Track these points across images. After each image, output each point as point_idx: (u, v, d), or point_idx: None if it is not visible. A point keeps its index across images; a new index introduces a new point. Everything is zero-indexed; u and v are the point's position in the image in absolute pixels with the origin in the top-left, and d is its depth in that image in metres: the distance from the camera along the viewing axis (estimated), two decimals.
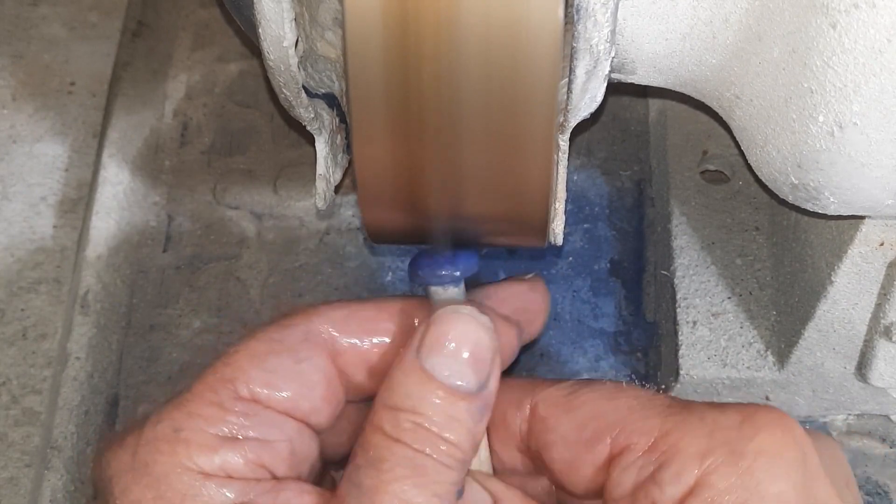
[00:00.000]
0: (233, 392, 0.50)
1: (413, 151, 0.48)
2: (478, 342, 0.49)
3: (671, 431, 0.48)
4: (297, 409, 0.51)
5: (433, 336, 0.49)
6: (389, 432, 0.48)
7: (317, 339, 0.52)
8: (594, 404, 0.51)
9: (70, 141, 0.78)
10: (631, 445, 0.49)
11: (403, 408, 0.48)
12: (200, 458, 0.48)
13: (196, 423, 0.49)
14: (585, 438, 0.50)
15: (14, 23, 0.83)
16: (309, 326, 0.53)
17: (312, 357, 0.52)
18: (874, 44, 0.46)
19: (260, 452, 0.49)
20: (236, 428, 0.49)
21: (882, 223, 0.56)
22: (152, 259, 0.75)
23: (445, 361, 0.48)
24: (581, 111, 0.52)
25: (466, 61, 0.45)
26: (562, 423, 0.51)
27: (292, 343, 0.52)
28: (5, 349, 0.71)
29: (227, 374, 0.51)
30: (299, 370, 0.51)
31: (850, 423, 0.68)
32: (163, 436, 0.49)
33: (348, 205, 0.76)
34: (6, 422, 0.68)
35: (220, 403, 0.50)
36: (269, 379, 0.51)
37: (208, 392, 0.50)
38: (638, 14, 0.52)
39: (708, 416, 0.49)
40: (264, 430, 0.50)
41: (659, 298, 0.72)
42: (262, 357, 0.51)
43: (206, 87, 0.82)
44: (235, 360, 0.51)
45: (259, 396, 0.50)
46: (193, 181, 0.78)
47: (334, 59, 0.52)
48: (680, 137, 0.73)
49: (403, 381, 0.49)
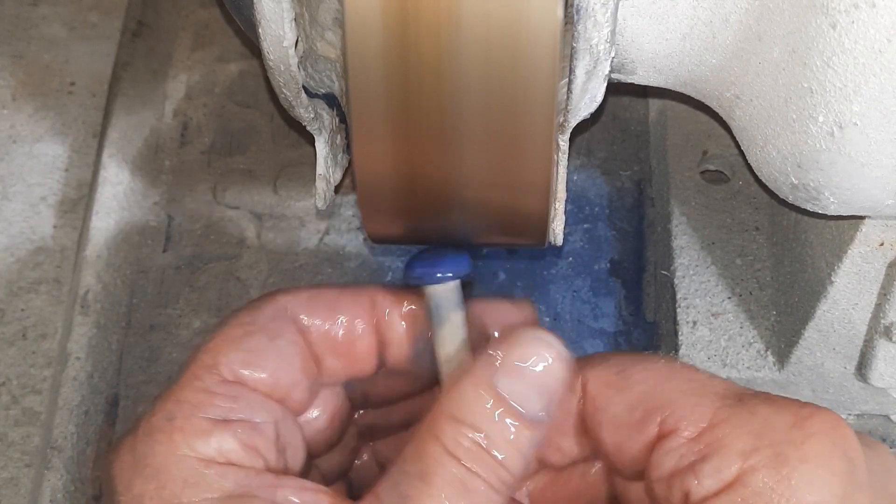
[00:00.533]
0: (217, 376, 0.51)
1: (413, 151, 0.48)
2: (553, 372, 0.49)
3: (720, 424, 0.48)
4: (277, 385, 0.52)
5: (512, 357, 0.48)
6: (447, 445, 0.47)
7: (285, 316, 0.53)
8: (646, 385, 0.50)
9: (70, 141, 0.78)
10: (678, 430, 0.48)
11: (468, 423, 0.48)
12: (197, 443, 0.49)
13: (187, 409, 0.50)
14: (636, 419, 0.49)
15: (14, 23, 0.83)
16: (276, 306, 0.53)
17: (285, 332, 0.53)
18: (874, 44, 0.46)
19: (250, 434, 0.50)
20: (225, 410, 0.50)
21: (882, 223, 0.56)
22: (152, 259, 0.75)
23: (520, 388, 0.48)
24: (581, 111, 0.52)
25: (466, 61, 0.45)
26: (613, 403, 0.50)
27: (264, 322, 0.52)
28: (5, 349, 0.71)
29: (208, 360, 0.51)
30: (275, 346, 0.52)
31: (850, 423, 0.68)
32: (158, 426, 0.49)
33: (348, 205, 0.76)
34: (6, 422, 0.68)
35: (206, 389, 0.50)
36: (248, 358, 0.51)
37: (194, 380, 0.51)
38: (638, 14, 0.52)
39: (760, 412, 0.48)
40: (250, 412, 0.50)
41: (659, 298, 0.72)
42: (238, 339, 0.52)
43: (206, 87, 0.82)
44: (214, 346, 0.52)
45: (242, 377, 0.51)
46: (193, 181, 0.78)
47: (334, 59, 0.52)
48: (680, 137, 0.73)
49: (472, 397, 0.48)
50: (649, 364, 0.51)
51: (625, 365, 0.51)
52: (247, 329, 0.52)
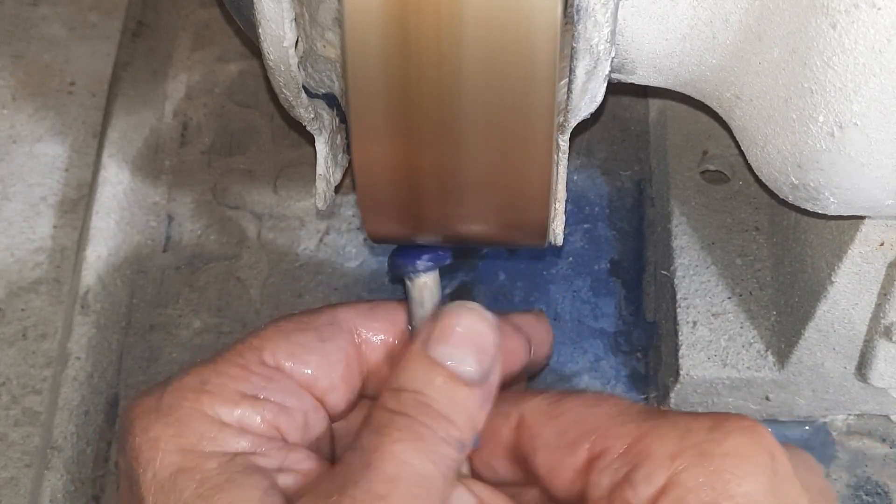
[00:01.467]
0: (258, 358, 0.53)
1: (413, 151, 0.48)
2: (482, 334, 0.52)
3: (645, 436, 0.50)
4: (316, 384, 0.54)
5: (440, 326, 0.52)
6: (393, 407, 0.50)
7: (342, 324, 0.56)
8: (575, 411, 0.52)
9: (70, 141, 0.78)
10: (608, 448, 0.50)
11: (408, 388, 0.51)
12: (222, 409, 0.51)
13: (222, 378, 0.52)
14: (566, 443, 0.51)
15: (14, 23, 0.83)
16: (335, 314, 0.56)
17: (336, 338, 0.55)
18: (874, 44, 0.46)
19: (277, 415, 0.52)
20: (257, 389, 0.52)
21: (882, 223, 0.56)
22: (152, 259, 0.75)
23: (451, 350, 0.51)
24: (581, 111, 0.52)
25: (466, 61, 0.45)
26: (546, 430, 0.53)
27: (319, 324, 0.55)
28: (5, 349, 0.71)
29: (255, 343, 0.54)
30: (322, 348, 0.54)
31: (850, 423, 0.68)
32: (189, 385, 0.52)
33: (348, 205, 0.76)
34: (6, 422, 0.68)
35: (245, 366, 0.53)
36: (293, 350, 0.54)
37: (236, 356, 0.53)
38: (638, 14, 0.52)
39: (680, 422, 0.50)
40: (283, 396, 0.53)
41: (659, 298, 0.72)
42: (289, 332, 0.54)
43: (206, 87, 0.82)
44: (264, 333, 0.54)
45: (282, 366, 0.53)
46: (193, 181, 0.78)
47: (334, 59, 0.52)
48: (680, 137, 0.73)
49: (410, 367, 0.51)
50: (579, 395, 0.54)
51: (559, 396, 0.54)
52: (300, 326, 0.55)
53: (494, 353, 0.52)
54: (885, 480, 0.67)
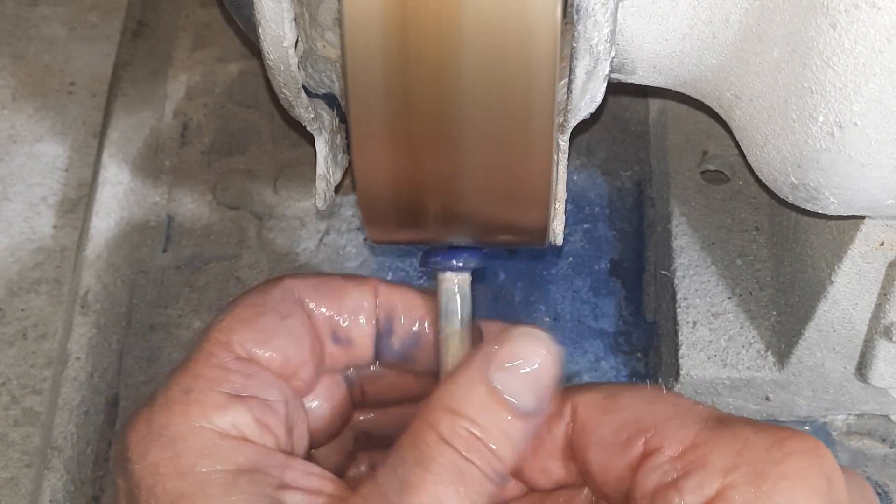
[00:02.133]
0: (231, 353, 0.52)
1: (413, 151, 0.48)
2: (547, 370, 0.50)
3: (702, 443, 0.49)
4: (288, 364, 0.53)
5: (506, 354, 0.50)
6: (444, 434, 0.49)
7: (292, 297, 0.55)
8: (633, 408, 0.51)
9: (70, 141, 0.78)
10: (661, 449, 0.49)
11: (462, 414, 0.49)
12: (213, 415, 0.50)
13: (203, 383, 0.51)
14: (622, 440, 0.51)
15: (14, 23, 0.83)
16: (283, 288, 0.55)
17: (294, 313, 0.54)
18: (874, 44, 0.46)
19: (263, 410, 0.51)
20: (239, 386, 0.51)
21: (882, 223, 0.56)
22: (152, 259, 0.75)
23: (514, 382, 0.50)
24: (581, 111, 0.52)
25: (466, 61, 0.45)
26: (601, 425, 0.52)
27: (273, 303, 0.54)
28: (5, 349, 0.71)
29: (222, 337, 0.53)
30: (286, 326, 0.54)
31: (850, 423, 0.68)
32: (174, 398, 0.51)
33: (348, 205, 0.76)
34: (6, 422, 0.68)
35: (221, 365, 0.52)
36: (260, 337, 0.53)
37: (209, 356, 0.52)
38: (638, 14, 0.52)
39: (740, 434, 0.49)
40: (263, 390, 0.52)
41: (659, 298, 0.72)
42: (250, 319, 0.53)
43: (206, 87, 0.82)
44: (226, 325, 0.53)
45: (255, 355, 0.53)
46: (193, 181, 0.78)
47: (334, 59, 0.52)
48: (680, 137, 0.73)
49: (468, 390, 0.50)
50: (636, 390, 0.53)
51: (613, 390, 0.53)
52: (257, 309, 0.54)
53: (552, 388, 0.51)
54: (885, 480, 0.67)
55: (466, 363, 0.51)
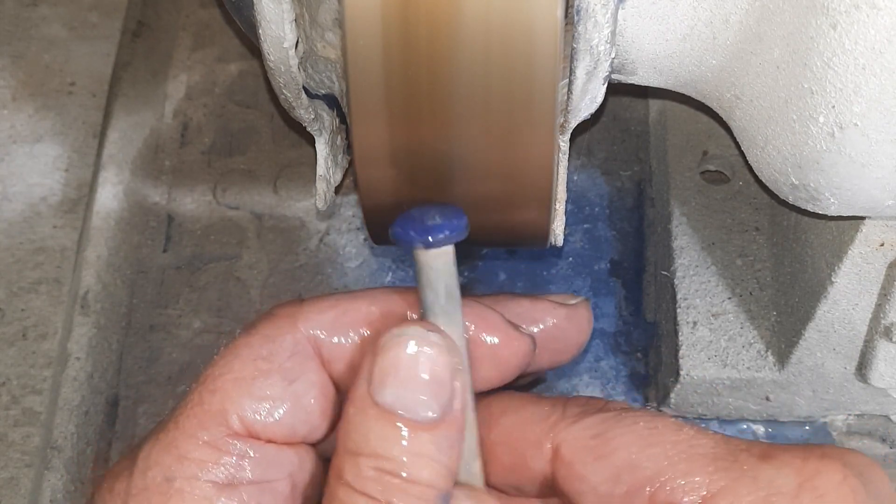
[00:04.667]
0: (225, 427, 0.46)
1: (413, 152, 0.48)
2: (433, 364, 0.44)
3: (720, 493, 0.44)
4: (294, 434, 0.48)
5: (382, 366, 0.44)
6: (353, 483, 0.44)
7: (305, 349, 0.49)
8: (628, 451, 0.46)
9: (70, 141, 0.78)
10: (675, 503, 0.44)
11: (363, 452, 0.44)
12: None
13: (189, 468, 0.45)
14: (621, 492, 0.45)
15: (14, 23, 0.83)
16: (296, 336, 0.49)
17: (305, 373, 0.48)
18: (874, 44, 0.46)
19: (260, 496, 0.46)
20: (233, 470, 0.46)
21: (882, 224, 0.56)
22: (152, 259, 0.75)
23: (400, 392, 0.44)
24: (581, 112, 0.52)
25: (466, 62, 0.45)
26: (592, 473, 0.46)
27: (281, 360, 0.48)
28: (5, 349, 0.70)
29: (216, 405, 0.47)
30: (293, 391, 0.48)
31: (851, 423, 0.68)
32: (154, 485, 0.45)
33: (348, 205, 0.76)
34: (6, 422, 0.68)
35: (212, 443, 0.46)
36: (260, 407, 0.47)
37: (199, 429, 0.46)
38: (638, 15, 0.52)
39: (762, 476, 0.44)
40: (263, 471, 0.47)
41: (659, 299, 0.72)
42: (249, 381, 0.47)
43: (206, 87, 0.82)
44: (221, 385, 0.47)
45: (253, 427, 0.47)
46: (193, 181, 0.78)
47: (334, 59, 0.52)
48: (680, 137, 0.73)
49: (360, 421, 0.44)
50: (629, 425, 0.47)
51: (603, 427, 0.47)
52: (261, 367, 0.47)
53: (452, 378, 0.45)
54: None
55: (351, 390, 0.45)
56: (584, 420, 0.48)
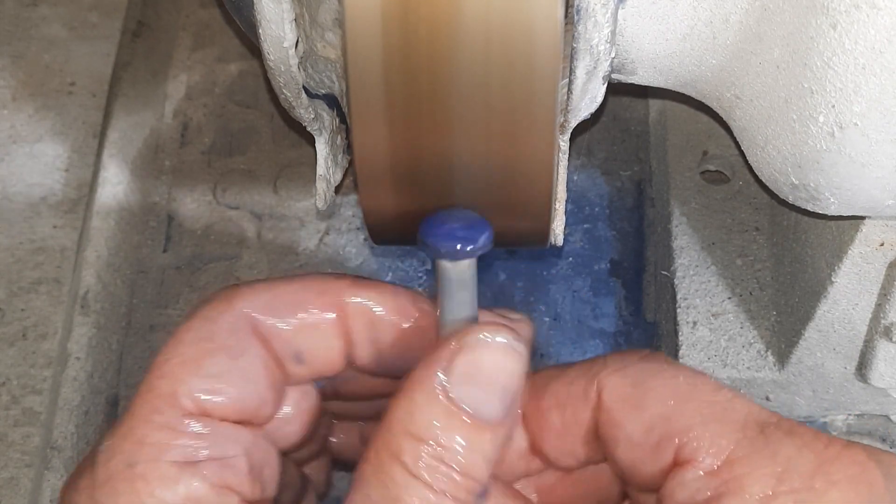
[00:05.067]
0: (178, 408, 0.47)
1: (413, 152, 0.48)
2: (510, 372, 0.47)
3: (739, 461, 0.45)
4: (245, 408, 0.49)
5: (465, 364, 0.46)
6: (409, 465, 0.45)
7: (245, 326, 0.50)
8: (664, 404, 0.47)
9: (70, 141, 0.78)
10: (695, 461, 0.46)
11: (426, 438, 0.45)
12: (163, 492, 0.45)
13: (149, 452, 0.46)
14: (652, 442, 0.47)
15: (14, 23, 0.83)
16: (234, 314, 0.50)
17: (247, 348, 0.49)
18: (874, 44, 0.46)
19: (221, 472, 0.47)
20: (191, 450, 0.46)
21: (882, 223, 0.56)
22: (152, 259, 0.75)
23: (475, 391, 0.46)
24: (581, 112, 0.52)
25: (467, 62, 0.45)
26: (629, 421, 0.48)
27: (223, 338, 0.49)
28: (5, 349, 0.70)
29: (166, 388, 0.47)
30: (238, 367, 0.49)
31: (851, 423, 0.68)
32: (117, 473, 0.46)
33: (348, 205, 0.76)
34: (6, 422, 0.68)
35: (168, 425, 0.47)
36: (210, 385, 0.48)
37: (153, 414, 0.47)
38: (638, 14, 0.52)
39: (782, 451, 0.45)
40: (219, 447, 0.47)
41: (659, 298, 0.72)
42: (197, 362, 0.48)
43: (206, 87, 0.82)
44: (169, 370, 0.48)
45: (204, 406, 0.47)
46: (193, 181, 0.78)
47: (334, 59, 0.52)
48: (680, 137, 0.73)
49: (427, 408, 0.46)
50: (668, 379, 0.48)
51: (643, 377, 0.48)
52: (205, 348, 0.48)
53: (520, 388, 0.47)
54: None
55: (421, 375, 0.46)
56: (627, 369, 0.49)
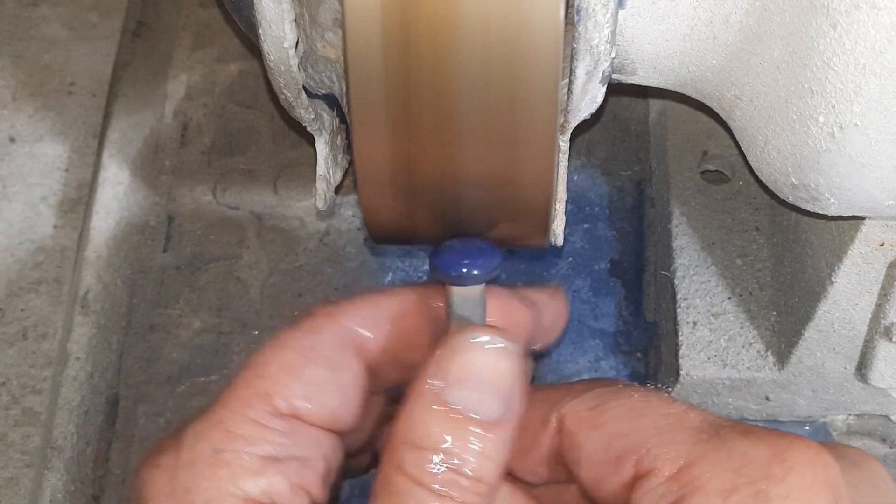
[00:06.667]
0: (271, 408, 0.48)
1: (413, 151, 0.48)
2: (504, 371, 0.47)
3: (697, 462, 0.46)
4: (335, 422, 0.50)
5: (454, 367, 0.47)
6: (413, 474, 0.46)
7: (346, 342, 0.51)
8: (620, 422, 0.49)
9: (70, 141, 0.78)
10: (655, 470, 0.47)
11: (427, 446, 0.46)
12: (245, 481, 0.47)
13: (236, 443, 0.47)
14: (611, 458, 0.48)
15: (14, 23, 0.83)
16: (337, 329, 0.51)
17: (347, 364, 0.50)
18: (875, 44, 0.46)
19: (300, 472, 0.48)
20: (277, 447, 0.48)
21: (882, 224, 0.56)
22: (152, 259, 0.75)
23: (472, 395, 0.47)
24: (581, 112, 0.52)
25: (467, 62, 0.45)
26: (589, 440, 0.49)
27: (326, 351, 0.50)
28: (5, 349, 0.71)
29: (263, 387, 0.48)
30: (336, 380, 0.50)
31: (850, 423, 0.68)
32: (202, 457, 0.47)
33: (348, 205, 0.76)
34: (6, 422, 0.68)
35: (258, 421, 0.48)
36: (308, 392, 0.49)
37: (245, 408, 0.48)
38: (638, 15, 0.52)
39: (737, 448, 0.46)
40: (303, 449, 0.48)
41: (659, 298, 0.72)
42: (297, 368, 0.49)
43: (206, 87, 0.82)
44: (269, 371, 0.49)
45: (299, 411, 0.49)
46: (193, 181, 0.78)
47: (334, 59, 0.52)
48: (680, 137, 0.73)
49: (425, 417, 0.46)
50: (623, 398, 0.50)
51: (599, 399, 0.50)
52: (307, 356, 0.50)
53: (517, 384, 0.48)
54: None
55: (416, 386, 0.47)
56: (585, 394, 0.50)
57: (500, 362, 0.47)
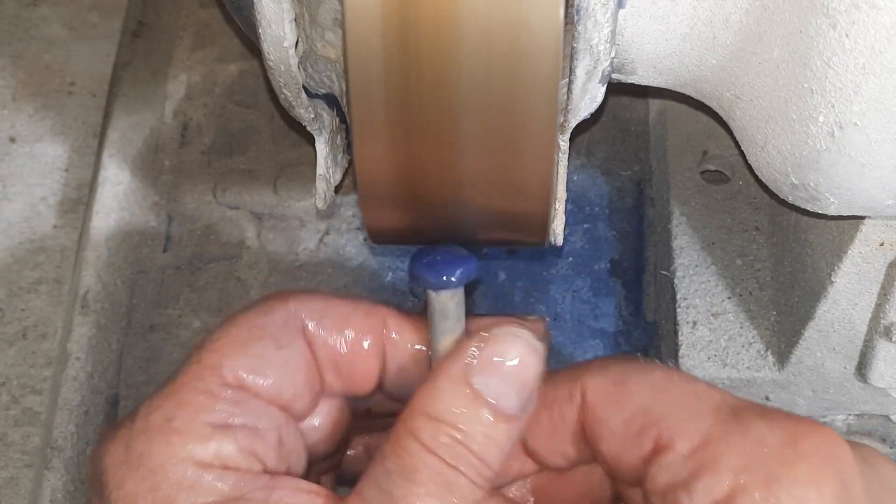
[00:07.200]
0: (220, 378, 0.50)
1: (413, 151, 0.48)
2: (530, 368, 0.49)
3: (713, 440, 0.48)
4: (281, 395, 0.52)
5: (488, 355, 0.49)
6: (426, 442, 0.48)
7: (295, 324, 0.53)
8: (642, 396, 0.50)
9: (70, 141, 0.78)
10: (672, 445, 0.48)
11: (445, 420, 0.48)
12: (195, 447, 0.48)
13: (187, 411, 0.49)
14: (632, 433, 0.49)
15: (14, 23, 0.83)
16: (287, 311, 0.53)
17: (293, 342, 0.52)
18: (874, 44, 0.46)
19: (251, 440, 0.50)
20: (226, 415, 0.49)
21: (882, 223, 0.56)
22: (152, 259, 0.75)
23: (496, 384, 0.49)
24: (581, 111, 0.52)
25: (466, 61, 0.45)
26: (611, 415, 0.50)
27: (273, 329, 0.52)
28: (5, 349, 0.70)
29: (212, 360, 0.51)
30: (282, 356, 0.52)
31: (850, 423, 0.68)
32: (155, 426, 0.49)
33: (348, 205, 0.76)
34: (6, 422, 0.68)
35: (208, 391, 0.50)
36: (253, 364, 0.51)
37: (196, 380, 0.50)
38: (638, 14, 0.52)
39: (754, 429, 0.47)
40: (253, 418, 0.50)
41: (659, 298, 0.72)
42: (245, 343, 0.51)
43: (206, 87, 0.82)
44: (219, 346, 0.51)
45: (245, 382, 0.51)
46: (193, 181, 0.78)
47: (334, 59, 0.52)
48: (680, 137, 0.73)
49: (449, 394, 0.49)
50: (646, 374, 0.51)
51: (622, 375, 0.51)
52: (255, 333, 0.52)
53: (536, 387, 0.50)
54: None
55: (446, 365, 0.49)
56: (607, 370, 0.52)
57: (531, 360, 0.49)
